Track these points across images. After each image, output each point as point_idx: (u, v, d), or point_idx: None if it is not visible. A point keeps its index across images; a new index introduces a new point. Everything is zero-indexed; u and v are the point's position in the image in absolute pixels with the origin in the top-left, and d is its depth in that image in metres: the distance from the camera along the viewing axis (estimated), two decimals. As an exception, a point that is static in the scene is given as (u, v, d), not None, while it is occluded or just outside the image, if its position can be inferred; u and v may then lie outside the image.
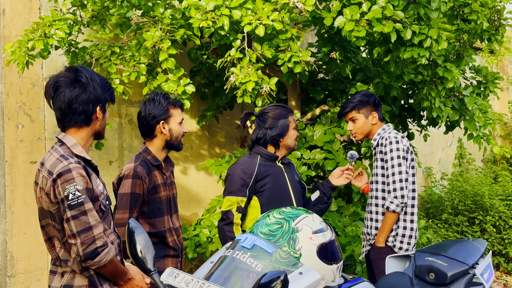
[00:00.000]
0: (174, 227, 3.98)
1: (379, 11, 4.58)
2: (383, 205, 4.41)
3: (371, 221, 4.48)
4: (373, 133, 4.53)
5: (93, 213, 2.86)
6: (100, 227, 2.88)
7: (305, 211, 2.94)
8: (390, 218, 4.32)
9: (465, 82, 6.43)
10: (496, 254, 8.35)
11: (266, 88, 4.61)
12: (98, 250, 2.85)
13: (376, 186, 4.47)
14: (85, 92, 2.96)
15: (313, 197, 4.31)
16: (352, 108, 4.49)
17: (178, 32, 4.78)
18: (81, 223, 2.82)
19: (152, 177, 3.85)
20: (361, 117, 4.49)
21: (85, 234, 2.83)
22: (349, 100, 4.57)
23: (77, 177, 2.84)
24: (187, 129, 4.05)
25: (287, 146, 4.14)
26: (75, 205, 2.82)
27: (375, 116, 4.51)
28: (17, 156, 5.37)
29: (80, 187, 2.83)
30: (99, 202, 2.97)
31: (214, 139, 6.97)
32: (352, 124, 4.53)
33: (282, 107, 4.18)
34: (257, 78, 4.56)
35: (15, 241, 5.36)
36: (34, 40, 4.62)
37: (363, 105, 4.49)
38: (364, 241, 4.55)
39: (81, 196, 2.83)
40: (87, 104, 2.97)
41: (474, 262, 3.71)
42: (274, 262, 2.69)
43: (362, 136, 4.55)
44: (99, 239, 2.86)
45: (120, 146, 6.07)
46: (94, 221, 2.86)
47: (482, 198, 8.36)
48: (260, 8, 4.63)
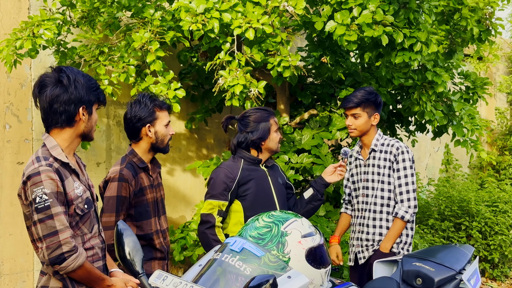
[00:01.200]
0: (161, 229, 3.96)
1: (369, 16, 4.60)
2: (387, 212, 4.39)
3: (374, 228, 4.42)
4: (370, 134, 4.46)
5: (60, 217, 2.80)
6: (67, 232, 2.81)
7: (294, 215, 2.94)
8: (401, 226, 4.32)
9: (454, 87, 6.46)
10: (482, 260, 8.38)
11: (254, 92, 4.60)
12: (64, 256, 2.79)
13: (374, 192, 4.44)
14: (66, 92, 2.91)
15: (306, 195, 4.27)
16: (357, 104, 4.38)
17: (167, 34, 4.78)
18: (47, 227, 2.77)
19: (139, 179, 3.83)
20: (364, 116, 4.40)
21: (50, 239, 2.77)
22: (354, 94, 4.44)
23: (46, 180, 2.79)
24: (174, 131, 4.03)
25: (270, 149, 4.12)
26: (41, 208, 2.77)
27: (377, 118, 4.45)
28: (4, 156, 5.34)
29: (48, 191, 2.79)
30: (73, 206, 2.91)
31: (203, 142, 6.96)
32: (353, 120, 4.42)
33: (263, 110, 4.17)
34: (245, 81, 4.55)
35: (1, 242, 5.32)
36: (22, 40, 4.59)
37: (369, 104, 4.39)
38: (360, 247, 4.48)
39: (48, 199, 2.78)
40: (68, 105, 2.92)
41: (461, 267, 3.73)
42: (263, 265, 2.69)
43: (359, 134, 4.45)
44: (66, 244, 2.79)
45: (108, 148, 6.04)
46: (60, 226, 2.79)
47: (469, 204, 8.40)
48: (250, 12, 4.63)
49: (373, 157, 4.46)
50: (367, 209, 4.47)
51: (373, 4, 4.67)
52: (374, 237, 4.42)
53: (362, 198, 4.52)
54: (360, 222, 4.52)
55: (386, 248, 4.33)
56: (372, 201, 4.44)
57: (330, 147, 6.62)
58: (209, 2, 4.54)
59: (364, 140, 4.51)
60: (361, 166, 4.55)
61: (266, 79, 5.71)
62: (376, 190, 4.43)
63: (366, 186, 4.49)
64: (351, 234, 4.65)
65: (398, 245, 4.35)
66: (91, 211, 3.06)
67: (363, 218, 4.50)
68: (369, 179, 4.47)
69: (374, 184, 4.44)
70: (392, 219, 4.38)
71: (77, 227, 2.95)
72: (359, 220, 4.54)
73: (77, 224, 2.94)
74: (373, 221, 4.44)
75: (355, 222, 4.60)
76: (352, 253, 4.56)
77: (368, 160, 4.49)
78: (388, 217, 4.40)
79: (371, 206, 4.45)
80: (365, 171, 4.50)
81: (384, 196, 4.40)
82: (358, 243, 4.51)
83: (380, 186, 4.41)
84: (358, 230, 4.53)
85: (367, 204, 4.48)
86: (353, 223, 4.63)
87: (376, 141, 4.46)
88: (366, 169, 4.50)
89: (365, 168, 4.51)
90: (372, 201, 4.44)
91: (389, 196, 4.39)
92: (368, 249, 4.43)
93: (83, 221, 2.98)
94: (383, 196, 4.40)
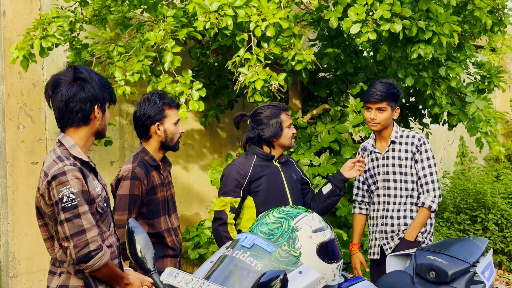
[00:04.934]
0: (172, 227, 3.97)
1: (387, 8, 4.55)
2: (411, 202, 4.39)
3: (398, 219, 4.40)
4: (389, 127, 4.44)
5: (87, 216, 2.83)
6: (94, 230, 2.84)
7: (304, 210, 2.94)
8: (427, 215, 4.33)
9: (469, 78, 6.41)
10: (499, 252, 8.33)
11: (275, 85, 4.58)
12: (91, 254, 2.82)
13: (396, 184, 4.41)
14: (82, 91, 2.93)
15: (325, 190, 4.25)
16: (384, 98, 4.33)
17: (181, 32, 4.76)
18: (75, 226, 2.79)
19: (150, 177, 3.84)
20: (389, 110, 4.35)
21: (78, 237, 2.80)
22: (378, 88, 4.38)
23: (72, 180, 2.81)
24: (183, 130, 4.03)
25: (282, 145, 4.12)
26: (69, 207, 2.79)
27: (398, 111, 4.44)
28: (18, 157, 5.38)
29: (75, 190, 2.80)
30: (95, 205, 2.94)
31: (216, 139, 6.97)
32: (377, 113, 4.36)
33: (273, 106, 4.15)
34: (265, 75, 4.53)
35: (17, 241, 5.37)
36: (34, 38, 4.61)
37: (394, 98, 4.37)
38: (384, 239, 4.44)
39: (75, 198, 2.80)
40: (84, 103, 2.94)
41: (475, 260, 3.71)
42: (273, 261, 2.69)
43: (381, 128, 4.40)
44: (93, 242, 2.82)
45: (121, 146, 6.07)
46: (88, 224, 2.82)
47: (484, 196, 8.34)
48: (266, 7, 4.60)
49: (393, 149, 4.44)
50: (390, 202, 4.44)
51: None
52: (400, 227, 4.39)
53: (383, 191, 4.48)
54: (383, 214, 4.47)
55: (411, 236, 4.32)
56: (395, 193, 4.42)
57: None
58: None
59: (383, 133, 4.47)
60: (378, 159, 4.50)
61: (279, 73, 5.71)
62: (398, 182, 4.41)
63: (387, 179, 4.45)
64: (371, 228, 4.60)
65: (423, 234, 4.35)
66: (108, 209, 3.09)
67: (386, 211, 4.45)
68: (389, 172, 4.43)
69: (395, 176, 4.41)
70: (416, 209, 4.38)
71: (97, 225, 2.97)
72: (381, 213, 4.48)
73: (97, 222, 2.97)
74: (397, 212, 4.41)
75: (375, 215, 4.54)
76: (377, 246, 4.50)
77: (387, 152, 4.45)
78: (412, 207, 4.39)
79: (395, 199, 4.42)
80: (384, 164, 4.46)
81: (408, 187, 4.39)
82: (382, 236, 4.46)
83: (403, 178, 4.39)
84: (381, 223, 4.47)
85: (389, 196, 4.44)
86: (373, 217, 4.57)
87: (396, 133, 4.43)
88: (385, 161, 4.46)
89: (383, 161, 4.47)
90: (395, 193, 4.42)
91: (412, 187, 4.39)
92: (394, 238, 4.40)
93: (102, 219, 3.01)
94: (407, 187, 4.39)
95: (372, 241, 4.58)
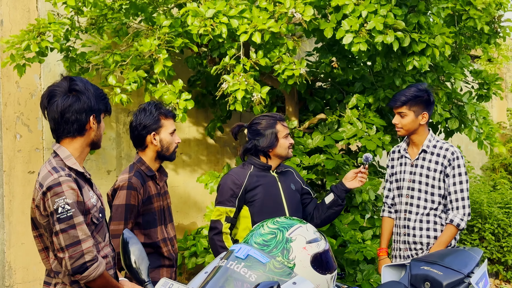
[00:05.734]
0: (168, 237, 3.98)
1: (380, 21, 4.58)
2: (435, 214, 4.33)
3: (420, 230, 4.35)
4: (419, 133, 4.36)
5: (82, 227, 2.84)
6: (89, 241, 2.85)
7: (299, 221, 2.95)
8: (454, 233, 4.29)
9: (466, 86, 6.44)
10: (495, 262, 8.33)
11: (257, 97, 4.60)
12: (86, 265, 2.82)
13: (420, 194, 4.36)
14: (78, 101, 2.94)
15: (327, 200, 4.23)
16: (404, 103, 4.28)
17: (176, 42, 4.79)
18: (70, 237, 2.80)
19: (147, 187, 3.85)
20: (411, 115, 4.29)
21: (73, 248, 2.81)
22: (404, 92, 4.34)
23: (67, 191, 2.82)
24: (179, 140, 4.04)
25: (279, 155, 4.12)
26: (64, 218, 2.80)
27: (425, 117, 4.32)
28: (15, 166, 5.38)
29: (70, 201, 2.81)
30: (90, 215, 2.95)
31: (213, 148, 6.98)
32: (399, 118, 4.33)
33: (269, 116, 4.16)
34: (246, 86, 4.56)
35: (13, 251, 5.37)
36: (28, 41, 4.60)
37: (416, 102, 4.29)
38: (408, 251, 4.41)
39: (70, 209, 2.80)
40: (79, 114, 2.95)
41: (469, 271, 3.71)
42: (268, 272, 2.69)
43: (405, 133, 4.36)
44: (88, 253, 2.83)
45: (118, 156, 6.08)
46: (83, 235, 2.83)
47: (481, 206, 8.35)
48: (256, 17, 4.64)
49: (423, 158, 4.37)
50: (412, 211, 4.39)
51: (385, 8, 4.67)
52: (422, 239, 4.34)
53: (405, 199, 4.43)
54: (405, 224, 4.42)
55: None
56: (419, 204, 4.37)
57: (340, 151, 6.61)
58: (218, 6, 4.56)
59: (413, 138, 4.41)
60: (407, 165, 4.45)
61: (275, 84, 5.73)
62: (423, 193, 4.35)
63: (412, 187, 4.40)
64: (395, 236, 4.55)
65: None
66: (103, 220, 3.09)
67: (407, 220, 4.41)
68: (415, 180, 4.38)
69: (421, 186, 4.36)
70: (440, 223, 4.33)
71: (92, 236, 2.98)
72: (403, 222, 4.44)
73: (92, 233, 2.97)
74: (419, 223, 4.36)
75: (398, 223, 4.50)
76: (402, 257, 4.45)
77: (417, 160, 4.39)
78: (435, 219, 4.33)
79: (418, 209, 4.37)
80: (411, 171, 4.41)
81: (435, 200, 4.33)
82: (406, 247, 4.42)
83: (430, 190, 4.33)
84: (403, 233, 4.43)
85: (412, 206, 4.39)
86: (396, 225, 4.53)
87: (428, 142, 4.36)
88: (413, 169, 4.41)
89: (411, 168, 4.41)
90: (419, 204, 4.37)
91: (439, 200, 4.33)
92: (418, 254, 4.36)
93: (97, 230, 3.02)
94: (433, 200, 4.33)
95: (396, 250, 4.53)
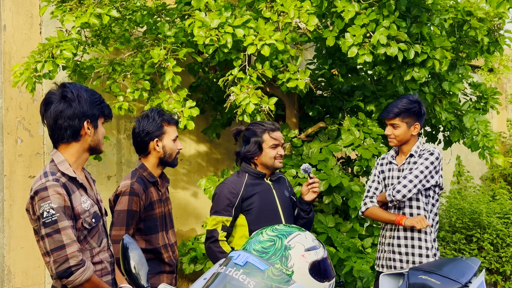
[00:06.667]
0: (169, 243, 3.98)
1: (385, 33, 4.62)
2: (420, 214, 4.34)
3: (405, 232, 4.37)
4: (410, 143, 4.40)
5: (67, 231, 2.84)
6: (74, 246, 2.85)
7: (298, 229, 2.96)
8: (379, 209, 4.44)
9: (465, 98, 6.47)
10: (494, 272, 8.34)
11: (265, 108, 4.65)
12: (71, 269, 2.82)
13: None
14: (69, 108, 2.95)
15: (295, 212, 4.32)
16: (397, 114, 4.31)
17: (181, 51, 4.82)
18: (54, 241, 2.81)
19: (149, 193, 3.86)
20: (403, 126, 4.33)
21: (57, 253, 2.81)
22: (396, 103, 4.37)
23: (53, 195, 2.83)
24: (182, 146, 4.06)
25: (265, 164, 4.11)
26: (49, 223, 2.81)
27: (417, 127, 4.37)
28: (15, 170, 5.40)
29: (55, 205, 2.82)
30: (81, 220, 2.94)
31: (213, 155, 7.00)
32: (392, 129, 4.36)
33: (259, 125, 4.14)
34: (257, 99, 4.60)
35: (13, 255, 5.38)
36: (42, 62, 4.64)
37: (409, 114, 4.32)
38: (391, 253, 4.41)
39: (55, 214, 2.81)
40: (72, 120, 2.96)
41: (467, 280, 3.72)
42: (266, 279, 2.70)
43: (398, 143, 4.40)
44: (73, 258, 2.83)
45: (118, 161, 6.10)
46: (67, 240, 2.83)
47: (480, 216, 8.37)
48: (262, 28, 4.67)
49: (409, 162, 4.41)
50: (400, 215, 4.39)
51: (388, 20, 4.70)
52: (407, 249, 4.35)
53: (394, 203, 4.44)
54: (391, 227, 4.44)
55: None
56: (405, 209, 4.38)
57: (339, 159, 6.64)
58: (222, 17, 4.59)
59: (403, 148, 4.46)
60: (394, 170, 4.48)
61: (275, 92, 5.76)
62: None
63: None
64: (381, 238, 4.57)
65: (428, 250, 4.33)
66: (99, 225, 3.08)
67: (394, 224, 4.41)
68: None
69: None
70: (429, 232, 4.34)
71: (85, 241, 2.98)
72: (390, 225, 4.45)
73: (85, 238, 2.97)
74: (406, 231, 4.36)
75: (386, 226, 4.51)
76: (385, 259, 4.47)
77: (403, 165, 4.43)
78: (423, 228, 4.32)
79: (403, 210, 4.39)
80: (398, 176, 4.43)
81: (420, 206, 4.34)
82: (389, 249, 4.44)
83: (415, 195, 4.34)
84: (389, 236, 4.45)
85: (399, 209, 4.41)
86: (384, 228, 4.54)
87: (416, 148, 4.40)
88: (399, 173, 4.44)
89: (398, 173, 4.45)
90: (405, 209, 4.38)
91: (424, 207, 4.34)
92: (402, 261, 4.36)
93: (91, 235, 3.01)
94: (418, 206, 4.34)
95: (380, 252, 4.55)
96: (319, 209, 6.15)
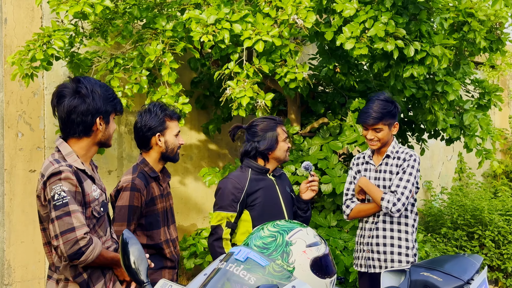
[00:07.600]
0: (171, 239, 3.97)
1: (382, 28, 4.59)
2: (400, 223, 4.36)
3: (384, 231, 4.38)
4: (388, 143, 4.40)
5: (77, 215, 2.88)
6: (83, 229, 2.89)
7: (299, 225, 2.94)
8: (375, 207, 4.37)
9: (467, 95, 6.44)
10: (495, 269, 8.33)
11: (261, 103, 4.62)
12: (82, 249, 2.88)
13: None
14: (83, 103, 2.98)
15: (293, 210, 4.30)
16: (380, 119, 4.28)
17: (178, 45, 4.80)
18: (64, 223, 2.85)
19: (150, 189, 3.83)
20: (385, 128, 4.31)
21: (67, 235, 2.85)
22: (372, 108, 4.30)
23: (65, 180, 2.88)
24: (184, 141, 4.04)
25: (277, 158, 4.10)
26: (60, 205, 2.85)
27: (396, 126, 4.38)
28: (16, 164, 5.38)
29: (66, 188, 2.87)
30: (91, 208, 3.00)
31: (214, 150, 6.98)
32: (374, 133, 4.32)
33: (270, 119, 4.13)
34: (252, 93, 4.58)
35: (13, 249, 5.37)
36: (34, 51, 4.63)
37: (389, 116, 4.31)
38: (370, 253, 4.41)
39: (66, 196, 2.85)
40: (85, 115, 2.99)
41: (469, 277, 3.70)
42: (267, 275, 2.69)
43: (380, 145, 4.37)
44: (82, 239, 2.88)
45: (119, 156, 6.08)
46: (77, 223, 2.87)
47: (482, 213, 8.35)
48: (260, 23, 4.64)
49: (386, 163, 4.40)
50: (380, 214, 4.40)
51: (386, 16, 4.67)
52: (386, 248, 4.35)
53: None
54: (371, 227, 4.44)
55: None
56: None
57: (341, 156, 6.61)
58: (220, 13, 4.56)
59: (381, 149, 4.45)
60: (371, 170, 4.48)
61: (277, 87, 5.73)
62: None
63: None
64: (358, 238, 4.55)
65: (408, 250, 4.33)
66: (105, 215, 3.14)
67: (375, 223, 4.42)
68: (380, 185, 4.40)
69: (385, 190, 4.35)
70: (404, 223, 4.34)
71: (93, 230, 3.02)
72: (369, 225, 4.45)
73: (94, 227, 3.02)
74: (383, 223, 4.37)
75: (364, 226, 4.50)
76: (363, 258, 4.46)
77: (380, 166, 4.43)
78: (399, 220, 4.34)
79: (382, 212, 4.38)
80: (376, 177, 4.44)
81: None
82: (368, 248, 4.43)
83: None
84: (368, 235, 4.45)
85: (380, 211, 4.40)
86: (362, 227, 4.52)
87: (392, 148, 4.40)
88: (377, 174, 4.44)
89: (376, 174, 4.45)
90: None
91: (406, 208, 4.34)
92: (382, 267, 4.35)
93: (99, 223, 3.07)
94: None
95: (358, 252, 4.53)
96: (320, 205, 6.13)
